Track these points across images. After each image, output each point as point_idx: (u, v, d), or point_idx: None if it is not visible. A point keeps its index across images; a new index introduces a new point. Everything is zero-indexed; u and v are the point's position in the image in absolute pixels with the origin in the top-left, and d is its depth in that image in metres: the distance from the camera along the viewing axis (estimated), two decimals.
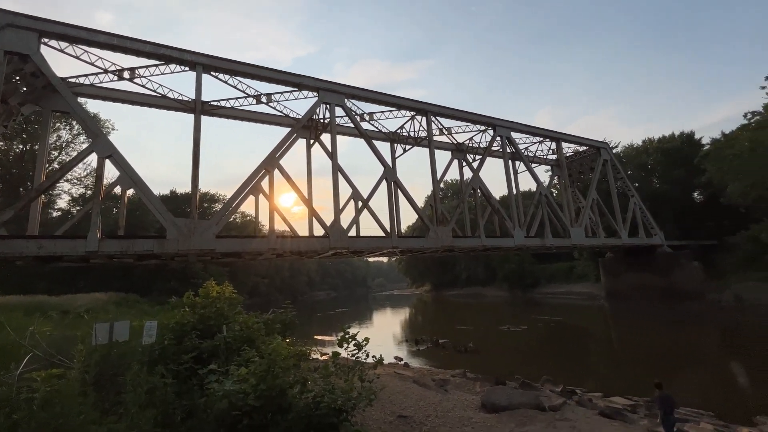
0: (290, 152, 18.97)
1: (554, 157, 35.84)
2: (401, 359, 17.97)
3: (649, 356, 18.45)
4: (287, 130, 20.02)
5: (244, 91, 19.82)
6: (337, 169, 19.49)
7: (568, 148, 36.78)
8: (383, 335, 28.69)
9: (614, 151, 48.95)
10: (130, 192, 24.16)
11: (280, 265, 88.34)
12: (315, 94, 20.30)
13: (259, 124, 23.38)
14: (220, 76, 18.55)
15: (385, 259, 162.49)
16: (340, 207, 19.97)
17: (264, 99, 20.68)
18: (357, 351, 5.44)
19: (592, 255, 47.38)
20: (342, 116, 23.51)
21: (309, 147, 24.31)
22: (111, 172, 25.10)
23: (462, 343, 20.98)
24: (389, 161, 25.85)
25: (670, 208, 47.49)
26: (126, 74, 17.59)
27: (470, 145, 31.89)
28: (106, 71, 17.30)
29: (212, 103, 20.57)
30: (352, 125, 22.27)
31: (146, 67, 17.50)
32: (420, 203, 26.00)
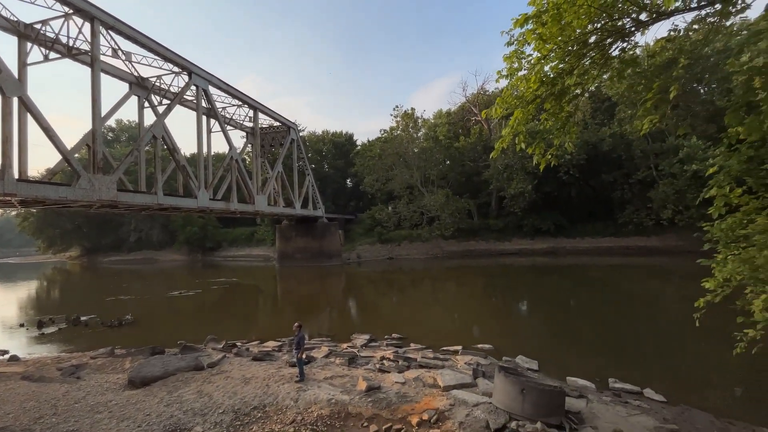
0: None
1: (251, 125, 36.65)
2: (6, 352, 12.73)
3: (301, 302, 23.13)
4: None
5: None
6: None
7: (265, 120, 38.69)
8: None
9: (301, 134, 56.43)
10: None
11: None
12: None
13: None
14: None
15: None
16: None
17: None
18: None
19: (273, 222, 52.88)
20: None
21: None
22: None
23: (116, 316, 17.65)
24: (14, 66, 17.11)
25: (331, 188, 61.04)
26: None
27: (158, 84, 26.79)
28: None
29: None
30: None
31: None
32: (74, 141, 19.00)
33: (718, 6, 3.86)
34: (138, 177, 26.02)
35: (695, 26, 4.39)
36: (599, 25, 4.07)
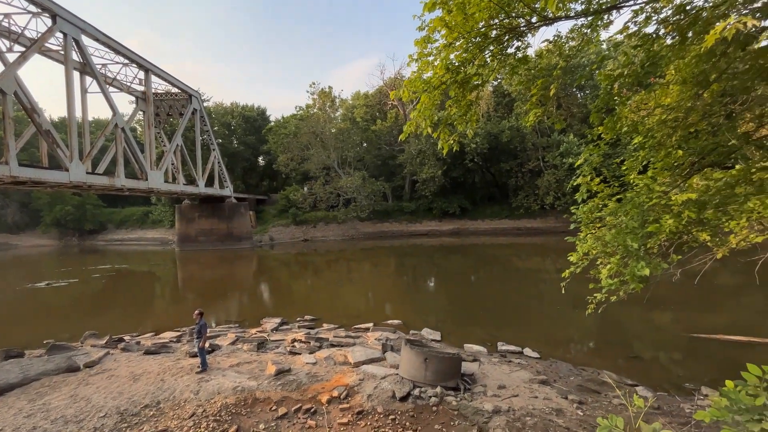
0: None
1: (142, 89, 31.72)
2: None
3: (206, 288, 21.35)
4: None
5: None
6: None
7: (160, 85, 33.82)
8: None
9: (206, 105, 50.88)
10: None
11: None
12: None
13: None
14: None
15: None
16: None
17: None
18: None
19: (172, 201, 47.34)
20: None
21: None
22: None
23: None
24: None
25: (241, 166, 56.72)
26: None
27: (7, 25, 21.35)
28: None
29: None
30: None
31: None
32: None
33: (590, 18, 4.48)
34: None
35: (573, 35, 5.05)
36: (498, 22, 4.41)
